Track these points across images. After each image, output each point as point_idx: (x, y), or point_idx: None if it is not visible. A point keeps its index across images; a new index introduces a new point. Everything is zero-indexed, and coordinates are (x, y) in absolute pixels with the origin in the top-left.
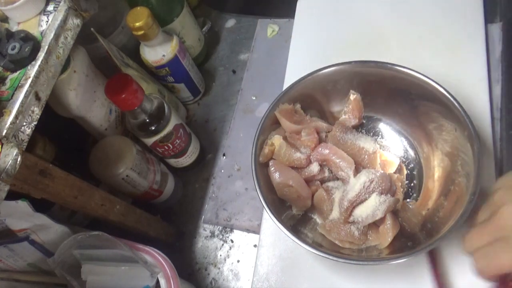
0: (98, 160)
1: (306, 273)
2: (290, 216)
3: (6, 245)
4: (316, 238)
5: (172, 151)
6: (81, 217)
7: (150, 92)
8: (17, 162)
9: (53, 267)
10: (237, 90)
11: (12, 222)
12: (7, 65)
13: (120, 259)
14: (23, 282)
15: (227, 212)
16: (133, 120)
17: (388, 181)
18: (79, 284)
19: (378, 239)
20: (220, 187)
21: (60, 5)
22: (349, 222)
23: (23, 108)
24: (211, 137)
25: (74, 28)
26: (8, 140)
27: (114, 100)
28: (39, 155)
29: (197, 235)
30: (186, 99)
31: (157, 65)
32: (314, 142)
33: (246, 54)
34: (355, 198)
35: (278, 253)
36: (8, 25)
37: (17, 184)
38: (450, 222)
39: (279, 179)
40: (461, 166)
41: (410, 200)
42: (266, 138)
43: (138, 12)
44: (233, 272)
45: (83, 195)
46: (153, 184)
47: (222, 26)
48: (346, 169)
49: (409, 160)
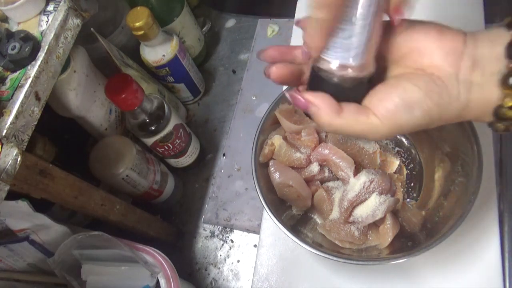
0: (98, 160)
1: (306, 273)
2: (290, 216)
3: (6, 245)
4: (316, 238)
5: (172, 151)
6: (81, 217)
7: (150, 92)
8: (17, 162)
9: (53, 267)
10: (237, 90)
11: (12, 222)
12: (7, 65)
13: (120, 259)
14: (23, 282)
15: (227, 212)
16: (133, 120)
17: (388, 181)
18: (79, 284)
19: (378, 239)
20: (220, 187)
21: (60, 5)
22: (349, 222)
23: (23, 108)
24: (211, 137)
25: (74, 28)
26: (8, 140)
27: (114, 100)
28: (39, 155)
29: (197, 235)
30: (186, 99)
31: (157, 65)
32: (314, 142)
33: (246, 54)
34: (355, 198)
35: (278, 253)
36: (8, 25)
37: (17, 184)
38: (450, 222)
39: (279, 179)
40: (461, 166)
41: (410, 200)
42: (266, 138)
43: (138, 12)
44: (233, 272)
45: (83, 195)
46: (153, 184)
47: (222, 26)
48: (346, 169)
49: (409, 160)
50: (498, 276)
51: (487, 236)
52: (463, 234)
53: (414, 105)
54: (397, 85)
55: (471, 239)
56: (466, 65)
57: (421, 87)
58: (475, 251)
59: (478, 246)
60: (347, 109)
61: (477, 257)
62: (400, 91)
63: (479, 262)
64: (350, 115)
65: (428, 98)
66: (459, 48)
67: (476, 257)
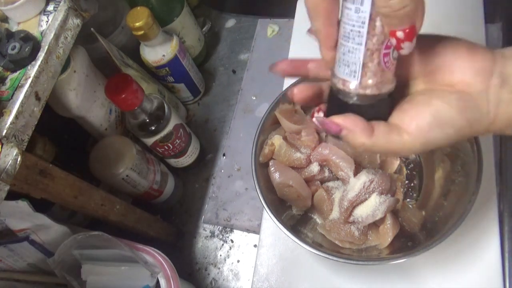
0: (98, 160)
1: (306, 273)
2: (290, 216)
3: (6, 245)
4: (316, 238)
5: (172, 151)
6: (81, 217)
7: (150, 92)
8: (17, 162)
9: (53, 267)
10: (237, 90)
11: (12, 222)
12: (7, 65)
13: (120, 259)
14: (23, 282)
15: (227, 212)
16: (133, 120)
17: (388, 181)
18: (79, 284)
19: (378, 239)
20: (220, 187)
21: (60, 5)
22: (349, 222)
23: (23, 108)
24: (211, 137)
25: (74, 28)
26: (8, 140)
27: (114, 100)
28: (39, 155)
29: (197, 235)
30: (186, 99)
31: (157, 65)
32: (314, 142)
33: (246, 54)
34: (355, 198)
35: (278, 253)
36: (8, 25)
37: (17, 184)
38: (450, 222)
39: (279, 179)
40: (461, 166)
41: (410, 200)
42: (266, 138)
43: (138, 12)
44: (233, 272)
45: (83, 195)
46: (153, 184)
47: (222, 26)
48: (346, 169)
49: (409, 160)
50: (498, 276)
51: (487, 236)
52: (463, 234)
53: (447, 124)
54: (429, 103)
55: (471, 239)
56: (495, 82)
57: (452, 105)
58: (475, 251)
59: (478, 246)
60: (378, 129)
61: (477, 257)
62: (432, 109)
63: (479, 262)
64: (383, 134)
65: (460, 116)
66: (489, 66)
67: (476, 257)
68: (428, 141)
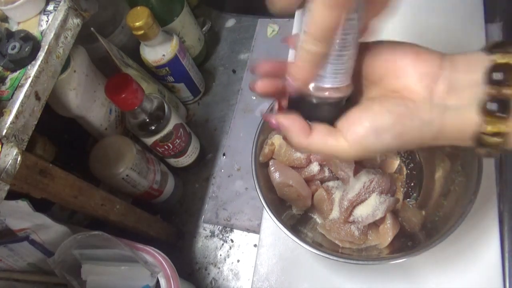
0: (98, 160)
1: (306, 273)
2: (290, 215)
3: (6, 245)
4: (316, 238)
5: (172, 151)
6: (81, 217)
7: (150, 92)
8: (17, 162)
9: (53, 267)
10: (237, 90)
11: (12, 222)
12: (7, 65)
13: (120, 259)
14: (23, 282)
15: (227, 211)
16: (133, 120)
17: (388, 181)
18: (79, 284)
19: (378, 239)
20: (220, 187)
21: (60, 5)
22: (349, 222)
23: (23, 108)
24: (211, 137)
25: (74, 28)
26: (8, 140)
27: (114, 100)
28: (39, 155)
29: (197, 235)
30: (186, 99)
31: (157, 65)
32: None
33: (246, 54)
34: (355, 198)
35: (278, 253)
36: (8, 25)
37: (17, 184)
38: (450, 222)
39: (279, 179)
40: (461, 166)
41: (410, 200)
42: (266, 138)
43: (138, 12)
44: (233, 272)
45: (83, 195)
46: (153, 184)
47: (222, 26)
48: (346, 169)
49: (409, 160)
50: (498, 276)
51: (487, 236)
52: (463, 234)
53: (384, 131)
54: (369, 109)
55: (471, 239)
56: (441, 88)
57: (391, 112)
58: (475, 251)
59: (478, 246)
60: (317, 131)
61: (477, 257)
62: (370, 115)
63: (479, 262)
64: (319, 137)
65: (398, 123)
66: (435, 71)
67: (476, 257)
68: (363, 147)
